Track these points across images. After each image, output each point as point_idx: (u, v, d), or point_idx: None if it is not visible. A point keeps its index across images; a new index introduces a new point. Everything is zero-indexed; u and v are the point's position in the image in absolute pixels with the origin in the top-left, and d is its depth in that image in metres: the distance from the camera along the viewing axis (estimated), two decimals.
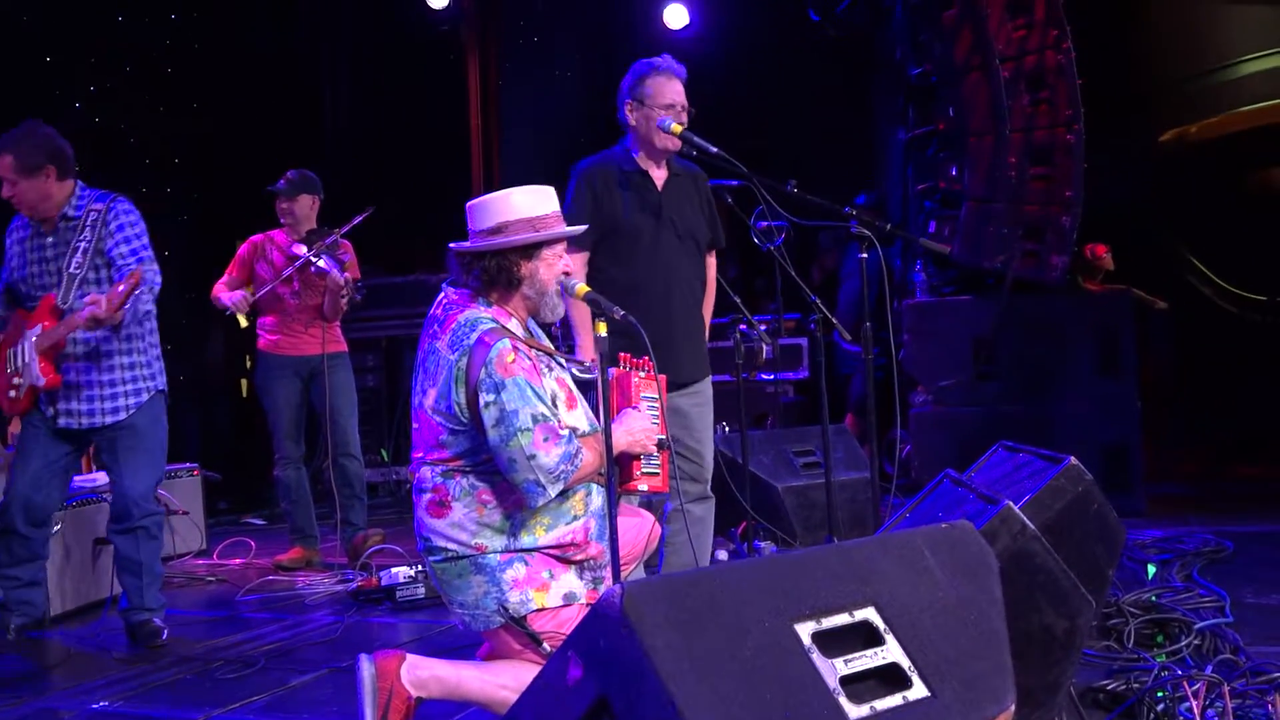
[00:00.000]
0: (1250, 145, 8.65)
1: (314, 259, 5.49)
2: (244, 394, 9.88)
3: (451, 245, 3.13)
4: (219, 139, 8.09)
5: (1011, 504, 2.60)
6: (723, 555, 5.55)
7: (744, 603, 1.83)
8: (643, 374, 3.23)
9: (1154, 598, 4.07)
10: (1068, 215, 6.36)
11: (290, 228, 5.80)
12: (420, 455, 3.12)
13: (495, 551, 3.00)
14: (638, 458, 3.14)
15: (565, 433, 2.96)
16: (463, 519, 3.01)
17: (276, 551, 6.06)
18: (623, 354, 3.24)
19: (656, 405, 3.23)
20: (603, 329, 3.01)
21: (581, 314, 3.89)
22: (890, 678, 1.89)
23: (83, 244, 4.25)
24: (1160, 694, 2.77)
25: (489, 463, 2.98)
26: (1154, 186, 8.88)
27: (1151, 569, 4.73)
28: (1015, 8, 6.34)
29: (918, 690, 1.88)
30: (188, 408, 9.20)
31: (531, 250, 3.09)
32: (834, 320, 4.91)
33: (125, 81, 7.70)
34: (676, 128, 3.98)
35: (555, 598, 3.03)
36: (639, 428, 3.11)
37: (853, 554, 2.04)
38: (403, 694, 2.93)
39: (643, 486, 3.19)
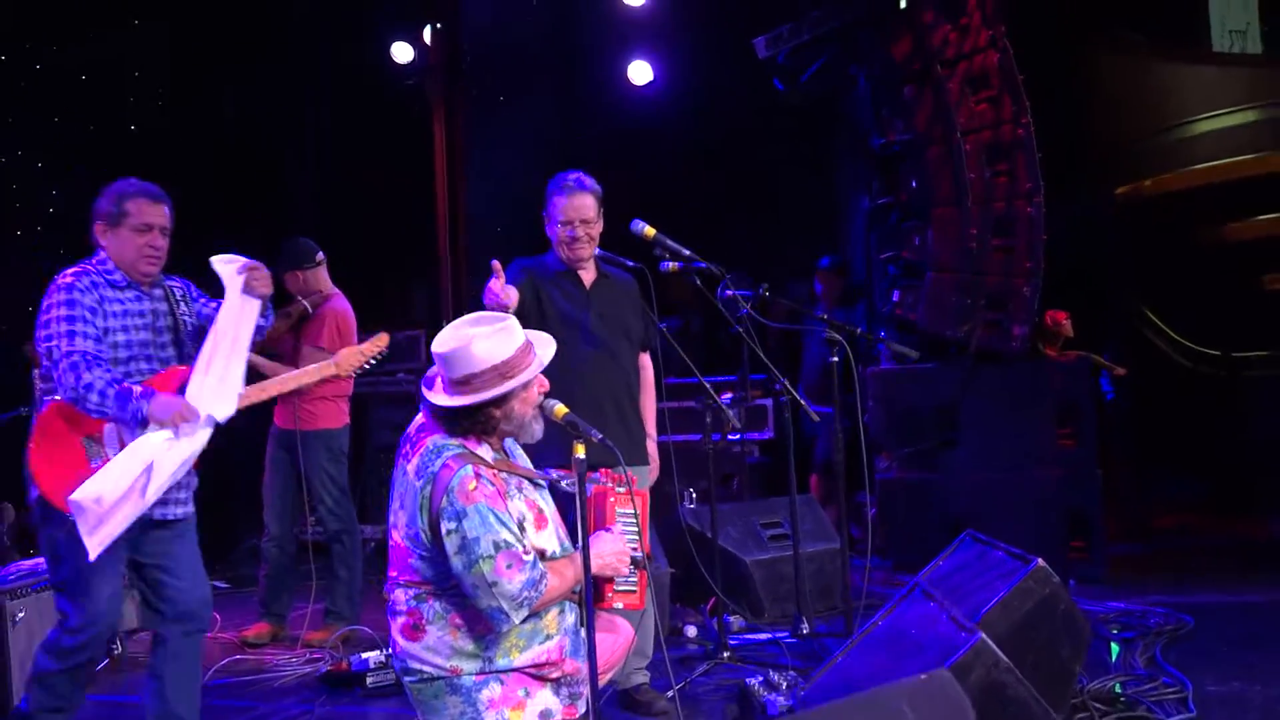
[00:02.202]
0: (1203, 201, 8.86)
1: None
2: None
3: (426, 397, 3.15)
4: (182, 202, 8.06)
5: (985, 638, 2.66)
6: (691, 631, 5.60)
7: None
8: (621, 490, 3.28)
9: (1118, 686, 4.16)
10: (1028, 285, 6.49)
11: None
12: (395, 575, 3.15)
13: (470, 674, 3.03)
14: (611, 579, 3.19)
15: (530, 558, 3.00)
16: (436, 643, 3.05)
17: (241, 622, 6.03)
18: (604, 469, 3.29)
19: (635, 521, 3.29)
20: (581, 450, 3.05)
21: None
22: None
23: (184, 313, 3.96)
24: None
25: (457, 587, 3.01)
26: (1109, 242, 9.07)
27: (1115, 649, 4.82)
28: (974, 82, 6.48)
29: None
30: None
31: (503, 397, 3.11)
32: (801, 399, 5.01)
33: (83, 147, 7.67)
34: (650, 231, 4.14)
35: (531, 716, 3.07)
36: (609, 550, 3.17)
37: (837, 714, 2.08)
38: None
39: (618, 605, 3.24)
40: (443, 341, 3.11)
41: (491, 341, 3.08)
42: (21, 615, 4.91)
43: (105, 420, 3.65)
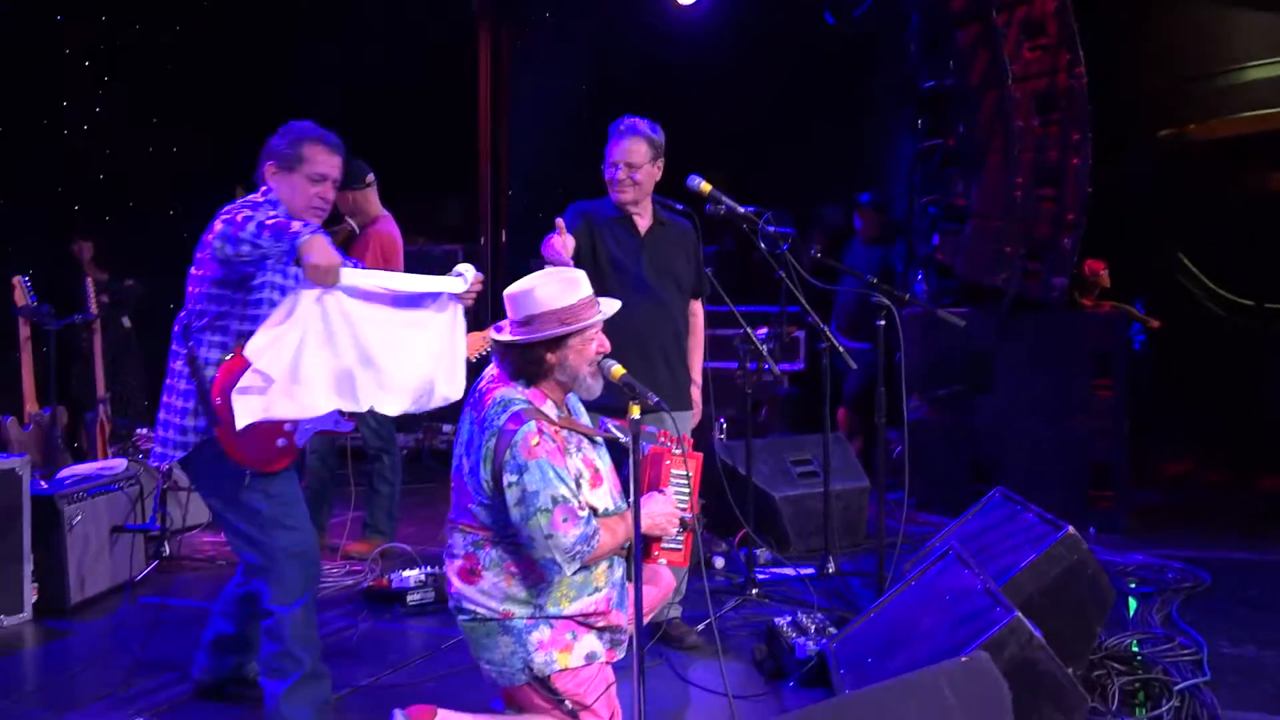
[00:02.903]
0: (1247, 150, 8.77)
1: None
2: None
3: (492, 334, 3.27)
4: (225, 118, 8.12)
5: (1020, 616, 2.77)
6: (719, 562, 5.75)
7: None
8: (678, 452, 3.39)
9: (1135, 645, 4.29)
10: (1069, 238, 6.49)
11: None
12: (454, 519, 3.28)
13: (521, 618, 3.17)
14: (659, 539, 3.31)
15: (584, 514, 3.13)
16: (491, 588, 3.18)
17: None
18: (662, 431, 3.40)
19: (687, 483, 3.40)
20: (636, 411, 3.14)
21: None
22: None
23: None
24: None
25: (515, 537, 3.13)
26: (1148, 186, 9.00)
27: (1133, 604, 4.94)
28: (1030, 29, 6.41)
29: None
30: None
31: (558, 341, 3.21)
32: (835, 339, 5.07)
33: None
34: (706, 186, 4.21)
35: (578, 658, 3.22)
36: (659, 511, 3.28)
37: (879, 696, 2.20)
38: None
39: (663, 562, 3.37)
40: (512, 285, 3.25)
41: (555, 288, 3.20)
42: (78, 520, 5.09)
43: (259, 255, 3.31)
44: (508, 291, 3.24)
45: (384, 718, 3.62)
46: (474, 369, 3.54)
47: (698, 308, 4.69)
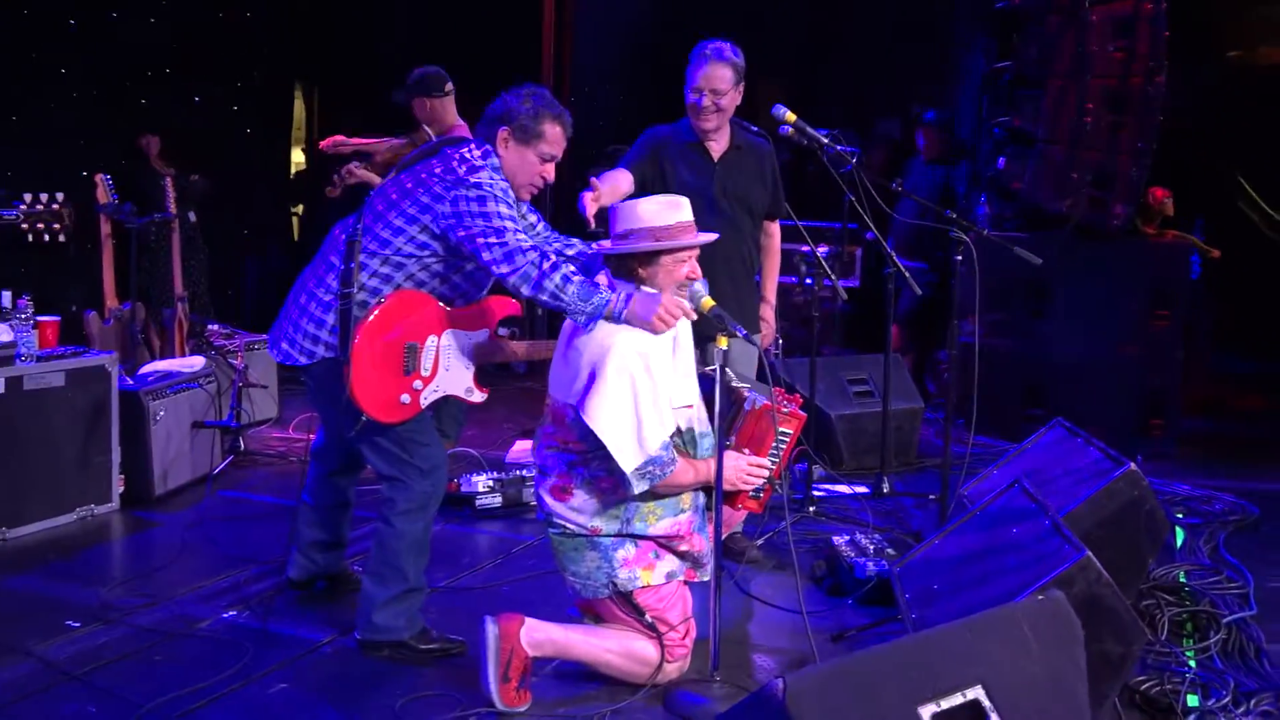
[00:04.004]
0: None
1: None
2: (295, 236, 10.21)
3: (595, 246, 3.38)
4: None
5: (1090, 555, 2.88)
6: None
7: (878, 689, 2.14)
8: (786, 410, 3.50)
9: (1183, 577, 4.41)
10: (1137, 166, 6.49)
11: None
12: (548, 436, 3.42)
13: (608, 534, 3.33)
14: (742, 492, 3.46)
15: (665, 440, 3.26)
16: (582, 504, 3.34)
17: None
18: (779, 389, 3.50)
19: (784, 442, 3.52)
20: (724, 343, 3.26)
21: None
22: None
23: None
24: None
25: (607, 453, 3.27)
26: (1212, 108, 8.88)
27: (1180, 535, 5.05)
28: None
29: None
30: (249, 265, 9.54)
31: (650, 257, 3.33)
32: (905, 273, 5.12)
33: None
34: (791, 116, 4.24)
35: (659, 575, 3.39)
36: (741, 468, 3.42)
37: (965, 633, 2.34)
38: (522, 654, 3.30)
39: (739, 507, 3.52)
40: (632, 201, 3.37)
41: (656, 206, 3.32)
42: (162, 415, 5.29)
43: (528, 304, 3.56)
44: (624, 205, 3.36)
45: (462, 619, 3.86)
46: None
47: (774, 229, 4.76)
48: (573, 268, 3.40)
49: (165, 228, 6.52)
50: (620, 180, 4.38)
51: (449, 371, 3.66)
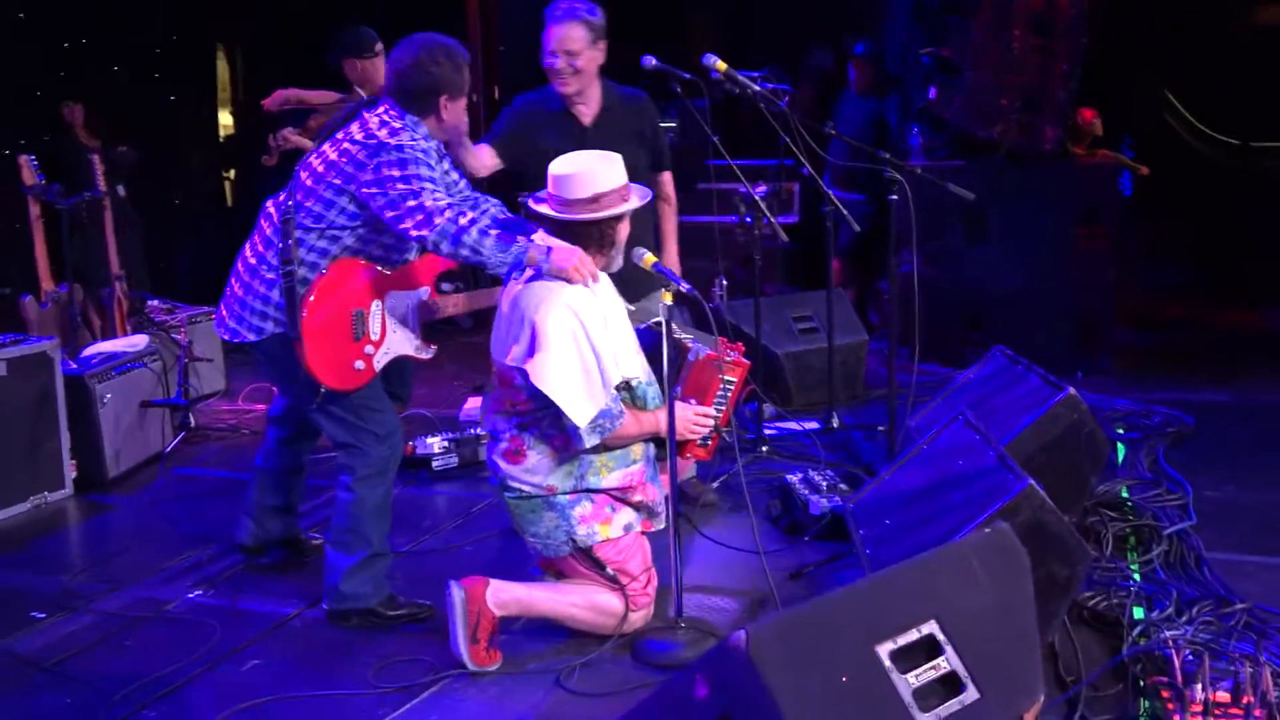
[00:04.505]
0: None
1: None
2: (229, 202, 10.08)
3: (554, 216, 3.39)
4: None
5: (1034, 484, 2.99)
6: None
7: (836, 633, 2.23)
8: (729, 359, 3.56)
9: (1124, 492, 4.56)
10: (1064, 89, 6.58)
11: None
12: (496, 401, 3.47)
13: (564, 492, 3.40)
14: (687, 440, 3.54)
15: (612, 392, 3.34)
16: (536, 465, 3.40)
17: None
18: (722, 339, 3.55)
19: (729, 390, 3.59)
20: (668, 298, 3.32)
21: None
22: (949, 685, 2.31)
23: None
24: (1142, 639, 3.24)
25: (556, 411, 3.32)
26: (1135, 23, 8.99)
27: (1121, 450, 5.21)
28: None
29: (970, 694, 2.32)
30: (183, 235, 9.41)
31: (620, 216, 3.41)
32: (843, 211, 5.17)
33: None
34: (722, 65, 4.24)
35: (617, 529, 3.48)
36: (688, 418, 3.49)
37: (916, 571, 2.43)
38: (489, 614, 3.37)
39: (688, 456, 3.63)
40: (570, 164, 3.38)
41: (611, 167, 3.39)
42: (109, 397, 5.27)
43: (454, 262, 3.57)
44: (569, 170, 3.36)
45: (427, 582, 3.91)
46: None
47: (665, 180, 4.68)
48: (489, 220, 3.50)
49: (96, 205, 6.42)
50: (484, 157, 4.31)
51: (396, 333, 3.72)
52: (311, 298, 3.49)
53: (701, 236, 7.39)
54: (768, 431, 5.60)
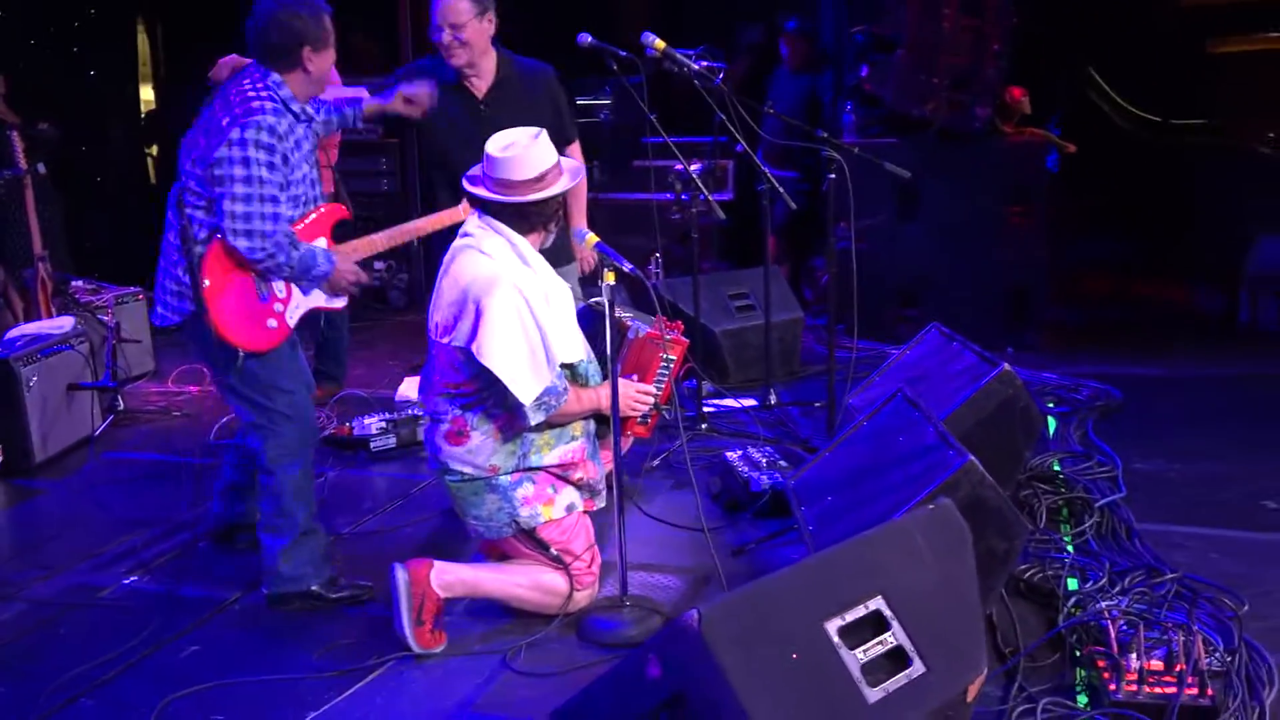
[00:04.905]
0: None
1: None
2: (152, 179, 9.87)
3: (501, 198, 3.37)
4: None
5: (974, 460, 3.04)
6: None
7: (786, 611, 2.25)
8: (669, 337, 3.57)
9: (1056, 465, 4.66)
10: (994, 67, 6.66)
11: None
12: (436, 384, 3.44)
13: (506, 473, 3.39)
14: (631, 418, 3.54)
15: (556, 370, 3.35)
16: (479, 445, 3.39)
17: None
18: (660, 316, 3.55)
19: (669, 368, 3.60)
20: (611, 278, 3.31)
21: None
22: (896, 659, 2.35)
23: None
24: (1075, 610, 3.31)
25: (497, 391, 3.32)
26: (1063, 5, 9.12)
27: (1052, 423, 5.31)
28: None
29: (916, 668, 2.36)
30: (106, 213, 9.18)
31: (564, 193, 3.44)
32: (779, 189, 5.19)
33: None
34: (660, 44, 4.24)
35: (560, 509, 3.48)
36: (630, 395, 3.51)
37: (862, 547, 2.47)
38: (434, 596, 3.36)
39: (629, 434, 3.63)
40: (507, 147, 3.36)
41: (546, 145, 3.41)
42: (35, 380, 5.14)
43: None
44: (510, 152, 3.35)
45: (368, 563, 3.89)
46: None
47: (571, 152, 4.48)
48: (294, 242, 3.51)
49: (16, 184, 6.24)
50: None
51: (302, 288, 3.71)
52: (207, 267, 3.51)
53: (638, 214, 7.44)
54: (706, 408, 5.62)
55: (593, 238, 3.39)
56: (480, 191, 3.41)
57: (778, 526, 4.17)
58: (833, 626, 2.29)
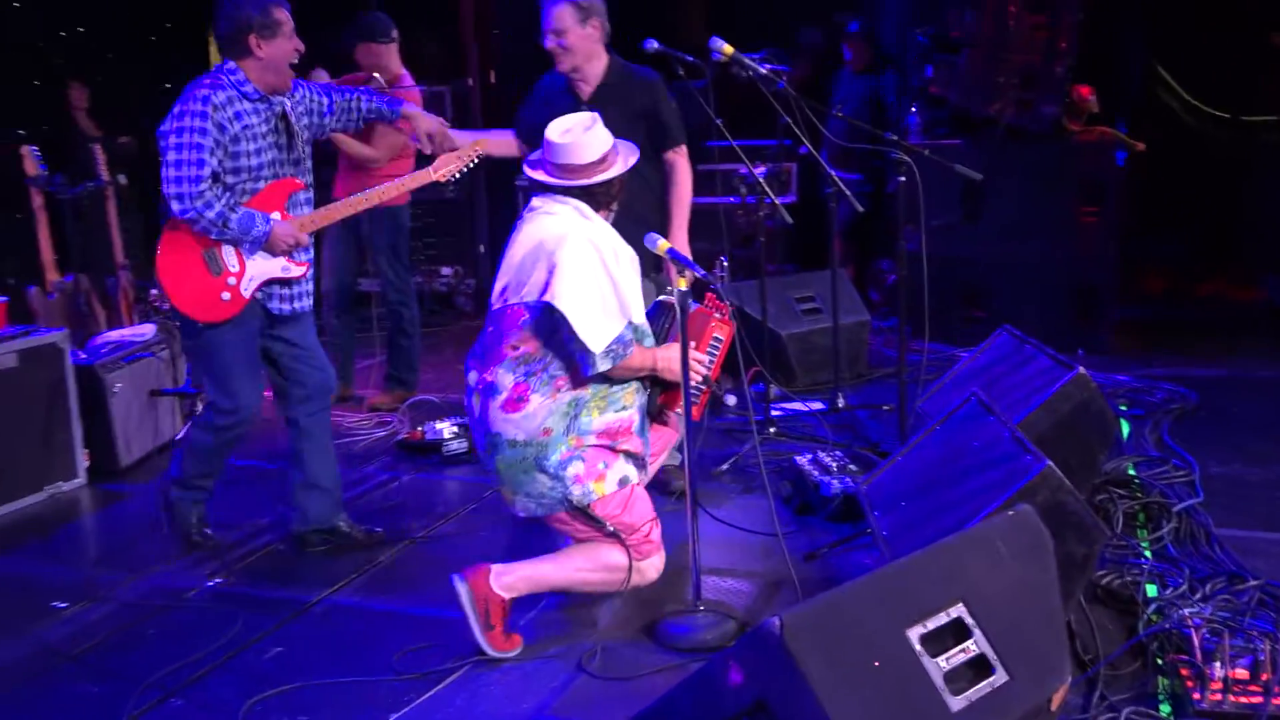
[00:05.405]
0: None
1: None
2: None
3: (566, 182, 3.44)
4: None
5: (1052, 465, 3.00)
6: (731, 400, 5.97)
7: (867, 618, 2.24)
8: (718, 316, 3.56)
9: (1131, 469, 4.57)
10: (1061, 65, 6.57)
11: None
12: (496, 353, 3.42)
13: (559, 436, 3.35)
14: (679, 389, 3.48)
15: (625, 320, 3.36)
16: (536, 409, 3.35)
17: None
18: (710, 294, 3.56)
19: (718, 348, 3.58)
20: (683, 283, 3.31)
21: None
22: (979, 667, 2.33)
23: (300, 120, 4.08)
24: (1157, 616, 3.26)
25: (561, 348, 3.33)
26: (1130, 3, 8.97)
27: (1126, 427, 5.22)
28: None
29: (1000, 676, 2.33)
30: None
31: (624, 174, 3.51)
32: (846, 191, 5.13)
33: None
34: (728, 49, 4.24)
35: (611, 484, 3.42)
36: (677, 359, 3.42)
37: (943, 554, 2.44)
38: (497, 599, 3.37)
39: (678, 411, 3.58)
40: (567, 131, 3.45)
41: (601, 128, 3.49)
42: (119, 386, 5.24)
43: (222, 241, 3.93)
44: (567, 139, 3.43)
45: (445, 566, 3.90)
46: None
47: (674, 158, 4.59)
48: (230, 205, 3.83)
49: (99, 195, 6.38)
50: (515, 147, 4.58)
51: (256, 259, 3.98)
52: (160, 245, 3.93)
53: (703, 218, 7.40)
54: (774, 413, 5.60)
55: (664, 243, 3.38)
56: (542, 176, 3.47)
57: (849, 531, 4.14)
58: (914, 634, 2.28)
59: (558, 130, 3.46)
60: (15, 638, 3.65)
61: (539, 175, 3.49)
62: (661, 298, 3.83)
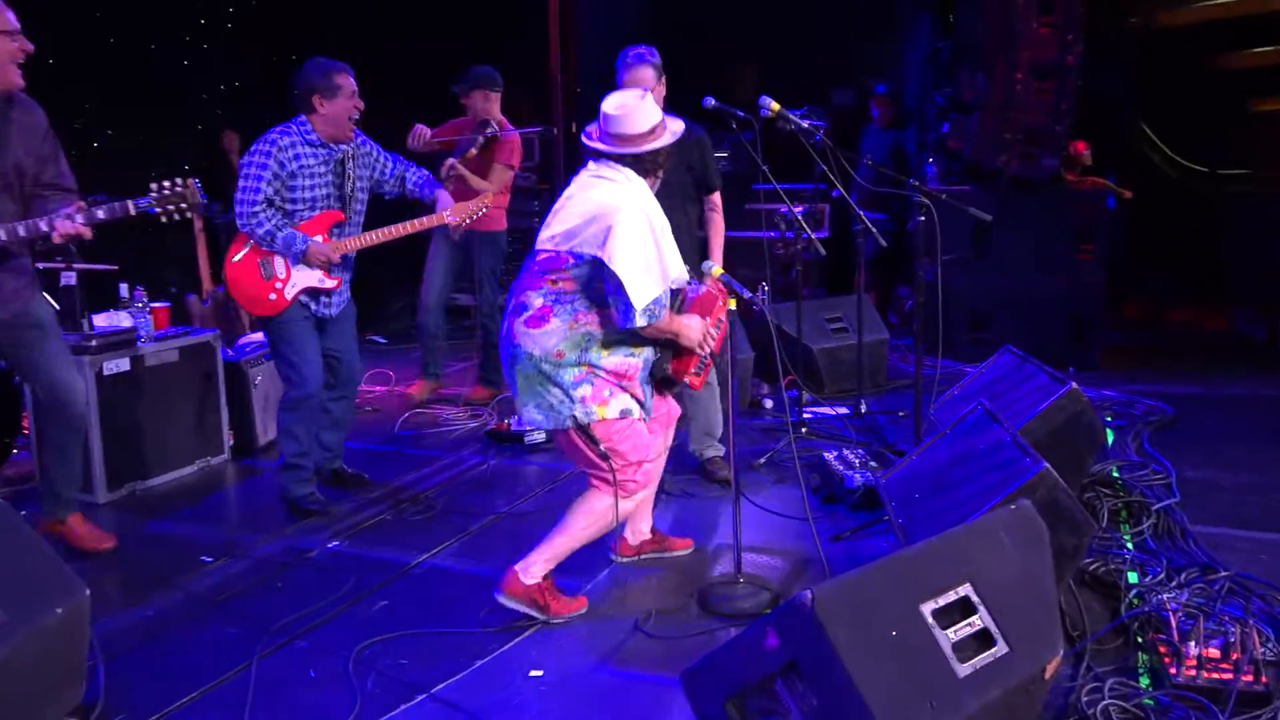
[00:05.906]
0: (1206, 35, 8.58)
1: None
2: None
3: (621, 150, 3.27)
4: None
5: (1049, 466, 2.92)
6: (768, 403, 5.92)
7: (886, 594, 2.19)
8: (721, 303, 3.46)
9: (1115, 472, 4.46)
10: (1061, 124, 6.45)
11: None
12: (534, 282, 3.27)
13: (570, 362, 3.23)
14: (694, 357, 3.40)
15: (664, 286, 3.20)
16: (554, 329, 3.21)
17: (403, 375, 6.47)
18: (717, 283, 3.48)
19: (720, 327, 3.47)
20: (732, 304, 3.27)
21: None
22: (983, 639, 2.26)
23: (353, 168, 4.26)
24: (1137, 601, 3.16)
25: (597, 293, 3.19)
26: (1118, 67, 8.79)
27: (1111, 435, 5.09)
28: None
29: (1000, 648, 2.26)
30: None
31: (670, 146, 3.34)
32: (872, 229, 5.05)
33: None
34: (775, 106, 4.18)
35: (613, 410, 3.27)
36: (696, 327, 3.35)
37: (952, 541, 2.38)
38: (535, 588, 3.33)
39: (686, 380, 3.44)
40: (621, 104, 3.26)
41: (651, 102, 3.30)
42: (259, 380, 5.31)
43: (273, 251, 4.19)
44: (623, 111, 3.25)
45: (524, 539, 3.87)
46: None
47: (714, 201, 4.56)
48: (278, 225, 4.10)
49: None
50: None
51: (300, 270, 4.20)
52: (230, 253, 4.22)
53: (749, 249, 7.38)
54: (806, 415, 5.54)
55: (718, 269, 3.35)
56: (598, 145, 3.29)
57: (869, 518, 4.08)
58: (927, 609, 2.22)
59: (613, 104, 3.26)
60: (171, 587, 3.70)
61: (595, 144, 3.32)
62: (673, 285, 3.67)
